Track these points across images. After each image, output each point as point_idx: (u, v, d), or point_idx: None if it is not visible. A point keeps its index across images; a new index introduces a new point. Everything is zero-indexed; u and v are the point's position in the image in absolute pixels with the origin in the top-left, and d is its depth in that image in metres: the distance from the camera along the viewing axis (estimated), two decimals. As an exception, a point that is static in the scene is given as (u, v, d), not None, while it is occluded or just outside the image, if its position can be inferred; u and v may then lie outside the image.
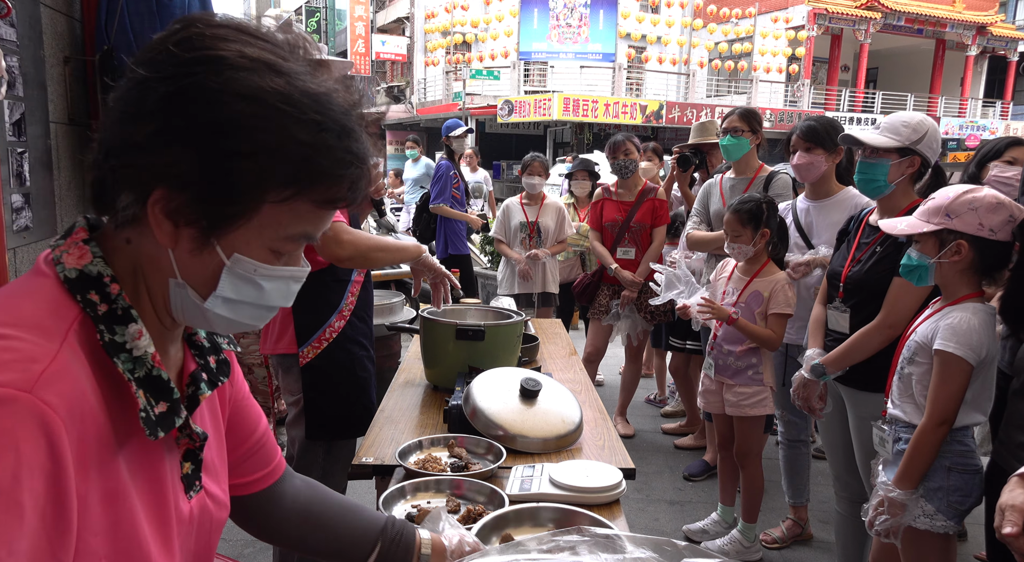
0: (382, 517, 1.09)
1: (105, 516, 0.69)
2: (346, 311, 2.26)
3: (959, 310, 1.82)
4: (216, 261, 0.73)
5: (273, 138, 0.69)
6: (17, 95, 2.02)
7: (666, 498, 3.48)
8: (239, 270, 0.74)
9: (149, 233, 0.72)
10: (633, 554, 0.78)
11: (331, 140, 0.71)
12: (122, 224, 0.73)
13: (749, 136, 3.32)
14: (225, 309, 0.76)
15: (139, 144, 0.68)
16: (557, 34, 21.64)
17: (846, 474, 2.54)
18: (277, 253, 0.76)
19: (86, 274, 0.72)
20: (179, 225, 0.71)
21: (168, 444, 0.79)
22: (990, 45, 23.73)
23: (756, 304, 2.78)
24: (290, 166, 0.70)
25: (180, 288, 0.75)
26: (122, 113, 0.70)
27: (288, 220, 0.74)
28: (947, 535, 1.84)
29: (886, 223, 1.97)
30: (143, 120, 0.68)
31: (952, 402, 1.79)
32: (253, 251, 0.74)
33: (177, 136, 0.68)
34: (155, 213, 0.70)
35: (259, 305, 0.78)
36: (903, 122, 2.22)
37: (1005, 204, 1.77)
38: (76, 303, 0.71)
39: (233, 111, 0.67)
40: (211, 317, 0.77)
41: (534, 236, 4.70)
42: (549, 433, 1.81)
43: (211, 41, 0.70)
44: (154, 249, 0.74)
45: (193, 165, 0.68)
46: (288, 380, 2.28)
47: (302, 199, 0.73)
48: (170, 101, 0.68)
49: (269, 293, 0.78)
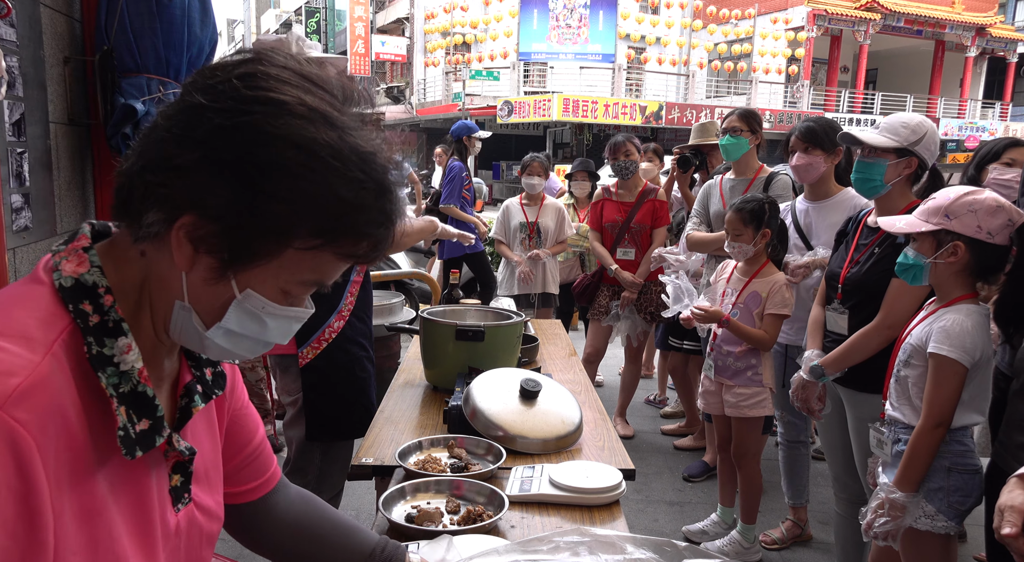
0: (374, 538, 1.08)
1: (82, 534, 0.68)
2: (345, 311, 2.26)
3: (953, 312, 1.82)
4: (228, 293, 0.74)
5: (316, 189, 0.69)
6: (17, 95, 2.02)
7: (666, 499, 3.48)
8: (248, 305, 0.75)
9: (166, 251, 0.72)
10: (633, 555, 0.78)
11: (369, 199, 0.72)
12: (141, 238, 0.73)
13: (748, 136, 3.32)
14: (225, 340, 0.77)
15: (181, 168, 0.69)
16: (557, 35, 21.65)
17: (845, 475, 2.54)
18: (287, 294, 0.77)
19: (81, 283, 0.72)
20: (200, 251, 0.71)
21: (155, 457, 0.78)
22: (989, 46, 23.75)
23: (755, 305, 2.78)
24: (325, 218, 0.71)
25: (185, 312, 0.75)
26: (169, 132, 0.70)
27: (308, 266, 0.75)
28: (948, 536, 1.84)
29: (885, 221, 1.98)
30: (191, 146, 0.69)
31: (948, 404, 1.80)
32: (266, 290, 0.75)
33: (223, 169, 0.68)
34: (179, 236, 0.70)
35: (258, 340, 0.79)
36: (902, 123, 2.22)
37: (1005, 208, 1.77)
38: (68, 313, 0.71)
39: (284, 157, 0.68)
40: (208, 345, 0.77)
41: (534, 236, 4.70)
42: (549, 434, 1.81)
43: (275, 82, 0.70)
44: (167, 268, 0.74)
45: (232, 200, 0.68)
46: (287, 380, 2.28)
47: (326, 249, 0.73)
48: (224, 134, 0.68)
49: (271, 330, 0.78)
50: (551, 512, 1.51)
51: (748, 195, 2.88)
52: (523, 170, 4.82)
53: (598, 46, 21.95)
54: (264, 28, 36.55)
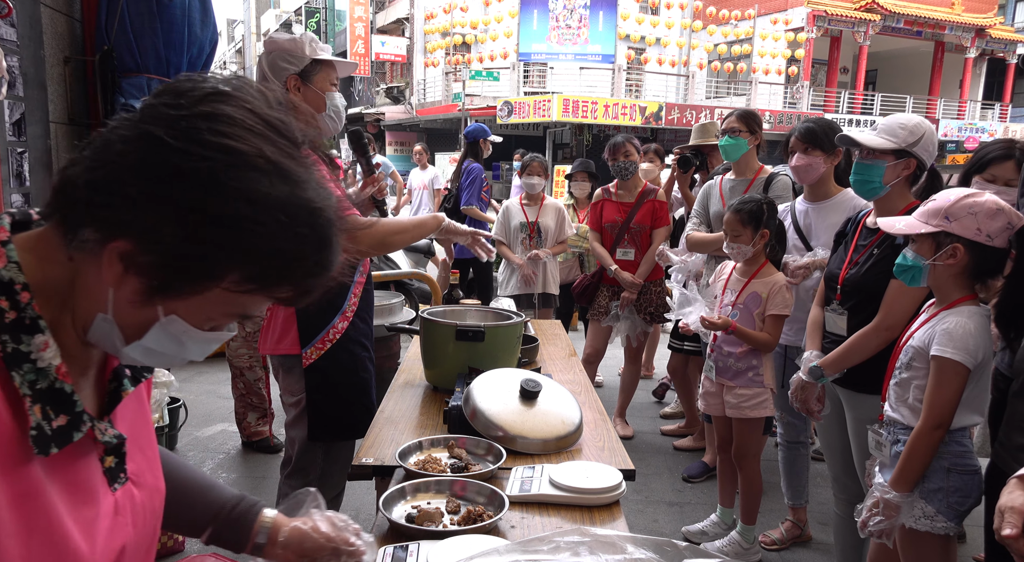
0: (230, 494, 1.09)
1: (18, 518, 0.69)
2: (349, 312, 2.25)
3: (955, 314, 1.82)
4: (151, 315, 0.75)
5: (259, 243, 0.70)
6: (17, 95, 2.02)
7: (665, 499, 3.48)
8: (171, 329, 0.76)
9: (95, 264, 0.72)
10: (634, 555, 0.78)
11: (308, 252, 0.74)
12: (74, 248, 0.72)
13: (747, 137, 3.32)
14: (140, 355, 0.78)
15: (129, 196, 0.68)
16: (556, 35, 21.64)
17: (844, 476, 2.54)
18: (211, 322, 0.78)
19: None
20: (129, 272, 0.71)
21: (86, 442, 0.79)
22: (989, 47, 23.76)
23: (755, 305, 2.79)
24: (262, 268, 0.72)
25: (107, 324, 0.75)
26: (123, 158, 0.69)
27: (235, 303, 0.76)
28: (947, 536, 1.84)
29: (885, 222, 1.98)
30: (143, 178, 0.68)
31: (948, 406, 1.80)
32: (191, 318, 0.76)
33: (167, 206, 0.68)
34: (111, 255, 0.70)
35: (174, 357, 0.80)
36: (900, 124, 2.22)
37: (1005, 211, 1.77)
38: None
39: (235, 210, 0.69)
40: (124, 355, 0.78)
41: (534, 236, 4.72)
42: (549, 434, 1.81)
43: (237, 129, 0.70)
44: (95, 280, 0.73)
45: (174, 238, 0.68)
46: (289, 381, 2.27)
47: (257, 293, 0.75)
48: (179, 175, 0.68)
49: (188, 350, 0.80)
50: (551, 512, 1.51)
51: (747, 196, 2.89)
52: (523, 170, 4.84)
53: (598, 47, 21.93)
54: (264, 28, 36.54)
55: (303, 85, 2.19)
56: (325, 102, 2.23)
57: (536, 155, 4.95)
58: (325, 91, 2.22)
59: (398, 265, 6.24)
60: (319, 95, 2.21)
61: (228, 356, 3.87)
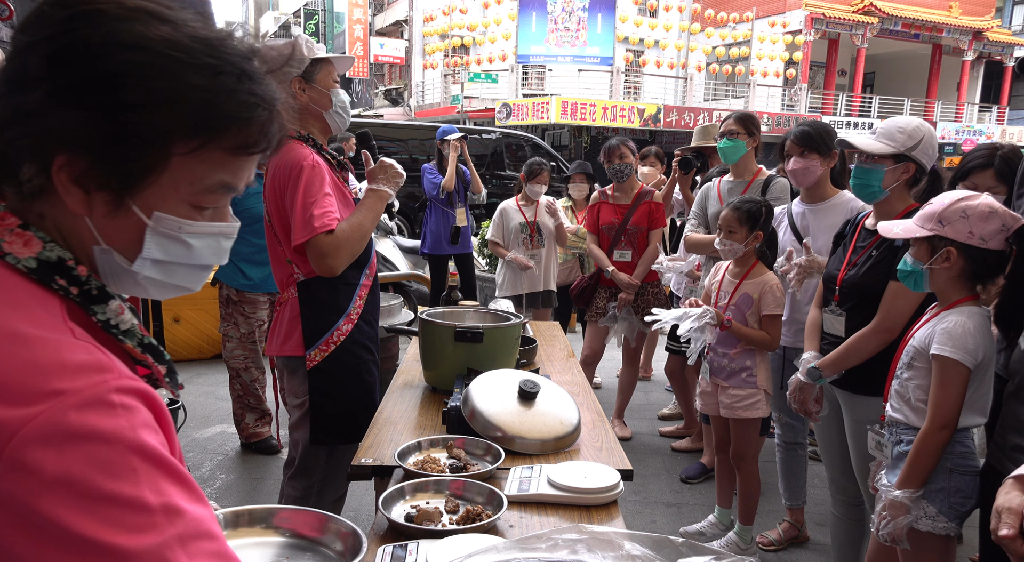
0: None
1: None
2: (354, 314, 2.24)
3: (954, 314, 1.83)
4: (137, 222, 0.72)
5: (165, 85, 0.66)
6: (17, 96, 2.03)
7: (663, 500, 3.49)
8: (163, 229, 0.73)
9: (61, 203, 0.69)
10: (631, 551, 0.79)
11: (230, 83, 0.69)
12: (28, 197, 0.70)
13: (746, 139, 3.34)
14: (155, 271, 0.75)
15: (31, 111, 0.66)
16: (555, 38, 21.66)
17: (842, 477, 2.55)
18: (199, 208, 0.74)
19: (45, 262, 0.69)
20: (90, 191, 0.69)
21: None
22: (986, 50, 23.82)
23: (746, 307, 2.80)
24: (190, 113, 0.68)
25: (106, 254, 0.73)
26: (9, 83, 0.67)
27: (202, 171, 0.72)
28: (948, 537, 1.85)
29: (884, 226, 1.98)
30: (30, 86, 0.66)
31: (953, 406, 1.80)
32: (173, 208, 0.72)
33: (66, 96, 0.65)
34: (62, 181, 0.68)
35: (191, 265, 0.77)
36: (899, 128, 2.22)
37: (998, 213, 1.76)
38: (53, 292, 0.69)
39: (118, 62, 0.65)
40: (142, 280, 0.75)
41: (535, 235, 4.77)
42: (547, 434, 1.82)
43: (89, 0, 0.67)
44: (71, 220, 0.71)
45: (88, 124, 0.66)
46: (294, 382, 2.27)
47: (212, 148, 0.71)
48: (53, 61, 0.65)
49: (200, 251, 0.76)
50: (549, 512, 1.52)
51: (747, 196, 2.90)
52: (530, 177, 4.81)
53: (596, 49, 21.95)
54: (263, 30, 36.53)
55: (307, 85, 2.20)
56: (331, 99, 2.24)
57: (543, 162, 4.92)
58: (329, 88, 2.23)
59: (397, 266, 6.25)
60: (324, 93, 2.23)
61: (225, 357, 3.88)
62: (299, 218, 2.04)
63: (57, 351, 0.61)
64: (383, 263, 6.11)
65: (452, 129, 5.85)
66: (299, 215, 2.04)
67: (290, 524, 1.22)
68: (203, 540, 0.62)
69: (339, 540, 1.18)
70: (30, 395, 0.58)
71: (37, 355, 0.60)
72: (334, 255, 2.06)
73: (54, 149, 0.66)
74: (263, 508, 1.23)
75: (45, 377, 0.59)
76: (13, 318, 0.63)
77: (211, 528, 0.64)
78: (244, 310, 3.79)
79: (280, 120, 0.75)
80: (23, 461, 0.56)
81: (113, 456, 0.59)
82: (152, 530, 0.59)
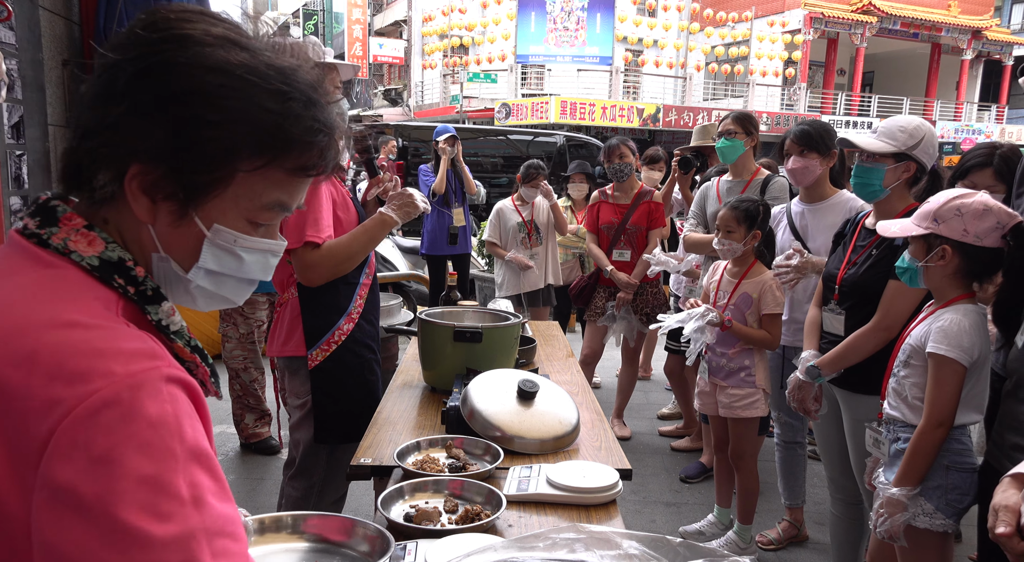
0: None
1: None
2: (355, 314, 2.25)
3: (950, 312, 1.84)
4: (196, 233, 0.76)
5: (241, 106, 0.72)
6: (16, 98, 2.03)
7: (663, 500, 3.49)
8: (220, 241, 0.77)
9: (127, 211, 0.74)
10: (629, 550, 0.79)
11: (298, 109, 0.74)
12: (98, 202, 0.75)
13: (744, 139, 3.34)
14: (208, 281, 0.80)
15: (113, 124, 0.71)
16: (554, 37, 21.66)
17: (841, 476, 2.55)
18: (254, 224, 0.79)
19: (106, 261, 0.73)
20: (156, 200, 0.73)
21: None
22: (985, 49, 23.83)
23: (746, 306, 2.80)
24: (260, 134, 0.73)
25: (163, 262, 0.77)
26: (95, 96, 0.73)
27: (262, 189, 0.76)
28: (945, 534, 1.85)
29: (882, 225, 1.99)
30: (115, 100, 0.71)
31: (949, 404, 1.81)
32: (231, 221, 0.77)
33: (148, 111, 0.70)
34: (132, 189, 0.72)
35: (240, 278, 0.82)
36: (900, 127, 2.23)
37: (993, 210, 1.77)
38: (112, 289, 0.73)
39: (200, 82, 0.70)
40: (194, 290, 0.80)
41: (533, 233, 4.80)
42: (546, 434, 1.82)
43: (176, 23, 0.73)
44: (134, 227, 0.76)
45: (166, 138, 0.70)
46: (295, 383, 2.27)
47: (274, 167, 0.75)
48: (140, 79, 0.70)
49: (249, 265, 0.81)
50: (548, 511, 1.52)
51: (744, 195, 2.90)
52: (526, 180, 4.80)
53: (595, 49, 21.95)
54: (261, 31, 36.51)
55: None
56: None
57: (540, 165, 4.89)
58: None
59: (396, 267, 6.25)
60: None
61: (224, 358, 3.88)
62: (292, 224, 2.05)
63: (113, 337, 0.65)
64: (382, 263, 6.12)
65: (448, 129, 5.85)
66: (292, 221, 2.05)
67: (316, 529, 1.24)
68: (227, 539, 0.64)
69: (365, 542, 1.20)
70: (86, 376, 0.61)
71: (93, 340, 0.64)
72: (314, 269, 2.11)
73: (131, 159, 0.72)
74: (291, 515, 1.25)
75: (101, 359, 0.63)
76: (72, 309, 0.67)
77: (237, 530, 0.66)
78: (243, 310, 3.79)
79: (336, 146, 0.81)
80: (75, 438, 0.59)
81: (156, 440, 0.62)
82: (180, 520, 0.61)
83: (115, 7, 2.38)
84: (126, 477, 0.59)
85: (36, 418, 0.60)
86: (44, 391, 0.60)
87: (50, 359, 0.62)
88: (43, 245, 0.72)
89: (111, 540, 0.58)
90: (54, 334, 0.63)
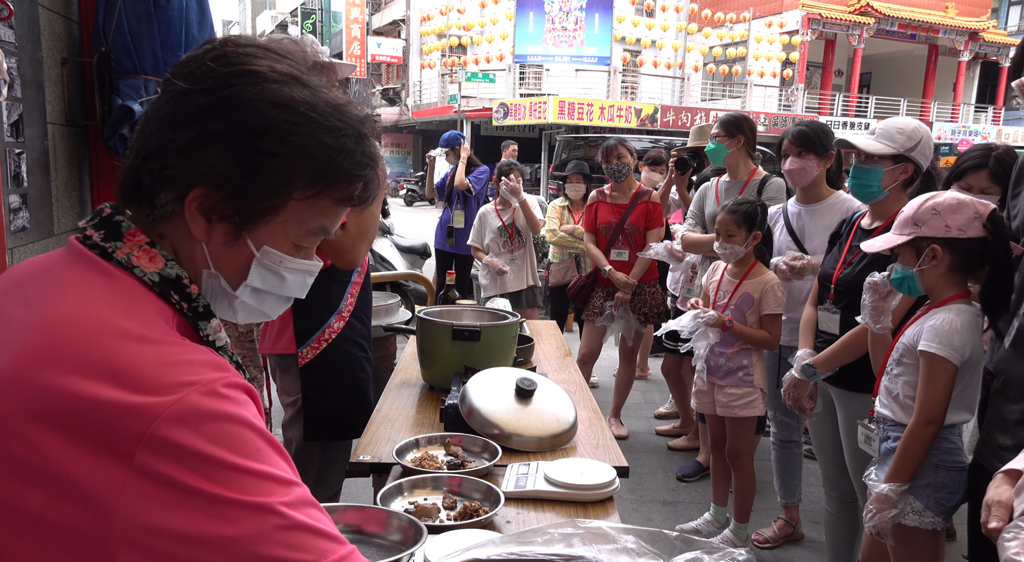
0: None
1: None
2: (345, 312, 2.26)
3: (943, 311, 1.85)
4: (247, 253, 0.82)
5: (302, 141, 0.77)
6: (15, 96, 2.03)
7: (659, 498, 3.50)
8: (267, 261, 0.83)
9: (183, 228, 0.79)
10: (626, 544, 0.80)
11: (350, 144, 0.80)
12: (157, 219, 0.80)
13: (726, 141, 3.36)
14: (252, 299, 0.85)
15: (181, 148, 0.76)
16: (552, 38, 21.68)
17: (836, 474, 2.56)
18: (298, 246, 0.84)
19: (165, 277, 0.78)
20: (212, 221, 0.78)
21: None
22: (982, 51, 23.89)
23: (747, 306, 2.81)
24: (316, 166, 0.78)
25: (213, 278, 0.82)
26: (162, 121, 0.77)
27: (310, 216, 0.82)
28: (936, 532, 1.87)
29: (866, 244, 2.02)
30: (184, 127, 0.76)
31: (940, 402, 1.82)
32: (279, 244, 0.82)
33: (217, 139, 0.75)
34: (192, 210, 0.77)
35: (280, 296, 0.88)
36: (898, 129, 2.24)
37: (966, 202, 1.80)
38: (169, 304, 0.78)
39: (268, 117, 0.76)
40: (238, 306, 0.86)
41: (514, 237, 4.89)
42: (544, 432, 1.83)
43: (244, 58, 0.78)
44: (188, 244, 0.81)
45: (230, 165, 0.76)
46: (286, 381, 2.29)
47: (323, 196, 0.81)
48: (211, 109, 0.76)
49: (290, 284, 0.86)
50: (546, 508, 1.53)
51: (740, 198, 2.91)
52: (501, 177, 4.86)
53: (594, 49, 21.97)
54: (260, 30, 36.51)
55: None
56: None
57: (514, 163, 4.99)
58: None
59: (394, 266, 6.25)
60: None
61: None
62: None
63: (183, 351, 0.71)
64: (380, 262, 6.12)
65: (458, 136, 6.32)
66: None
67: (352, 520, 1.30)
68: (312, 508, 0.72)
69: (399, 532, 1.28)
70: (165, 385, 0.66)
71: (165, 354, 0.69)
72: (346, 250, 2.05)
73: (195, 182, 0.76)
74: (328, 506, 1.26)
75: (176, 370, 0.68)
76: (140, 325, 0.72)
77: (315, 500, 0.74)
78: None
79: (377, 177, 0.86)
80: (167, 439, 0.64)
81: (243, 436, 0.68)
82: (280, 495, 0.69)
83: (114, 6, 2.38)
84: (228, 467, 0.66)
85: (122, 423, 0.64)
86: (127, 398, 0.64)
87: (131, 370, 0.66)
88: (105, 257, 0.77)
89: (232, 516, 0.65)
90: (129, 347, 0.68)
